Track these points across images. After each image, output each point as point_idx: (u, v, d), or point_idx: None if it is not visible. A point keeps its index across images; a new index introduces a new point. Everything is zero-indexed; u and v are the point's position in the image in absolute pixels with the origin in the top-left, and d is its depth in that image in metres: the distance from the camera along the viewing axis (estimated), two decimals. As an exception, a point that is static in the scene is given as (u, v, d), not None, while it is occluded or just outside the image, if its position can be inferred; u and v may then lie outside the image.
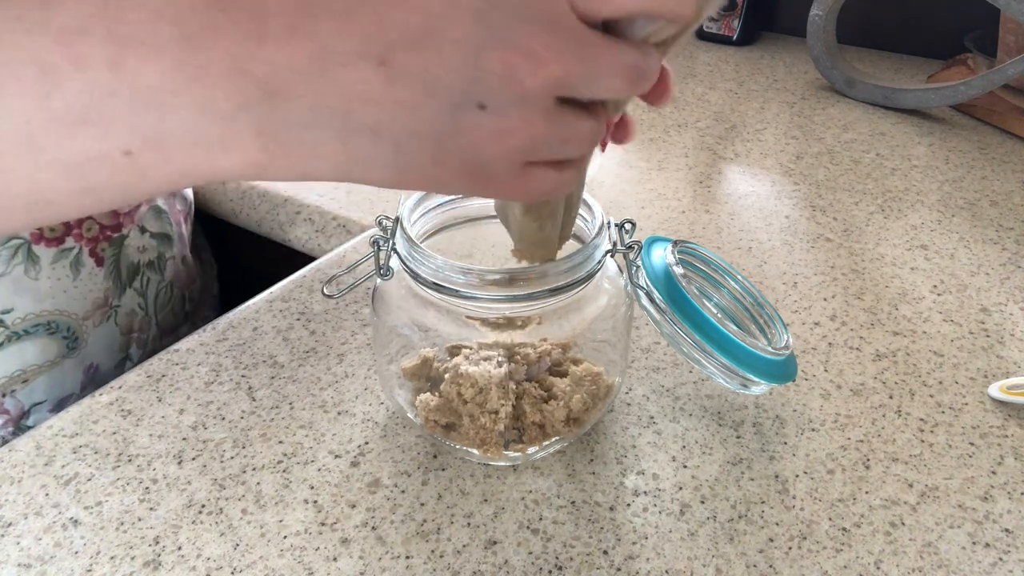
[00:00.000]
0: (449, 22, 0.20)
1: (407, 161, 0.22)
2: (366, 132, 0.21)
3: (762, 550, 0.35)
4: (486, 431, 0.37)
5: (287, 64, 0.19)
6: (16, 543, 0.35)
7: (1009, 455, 0.40)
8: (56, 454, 0.39)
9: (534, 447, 0.38)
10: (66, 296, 0.44)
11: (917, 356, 0.48)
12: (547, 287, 0.34)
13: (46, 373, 0.45)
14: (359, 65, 0.20)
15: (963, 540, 0.36)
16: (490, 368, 0.37)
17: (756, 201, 0.66)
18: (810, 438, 0.41)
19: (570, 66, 0.21)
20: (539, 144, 0.22)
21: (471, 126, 0.21)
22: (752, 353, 0.37)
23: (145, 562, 0.34)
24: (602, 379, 0.39)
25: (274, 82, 0.19)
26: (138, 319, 0.50)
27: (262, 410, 0.42)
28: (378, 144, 0.21)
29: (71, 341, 0.45)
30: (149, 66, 0.19)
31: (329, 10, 0.20)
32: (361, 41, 0.20)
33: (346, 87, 0.20)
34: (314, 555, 0.34)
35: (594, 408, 0.38)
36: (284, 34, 0.19)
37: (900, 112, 0.85)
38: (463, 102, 0.21)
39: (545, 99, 0.21)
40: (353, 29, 0.20)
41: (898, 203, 0.66)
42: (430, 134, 0.21)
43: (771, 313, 0.42)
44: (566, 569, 0.34)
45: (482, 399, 0.36)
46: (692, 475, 0.39)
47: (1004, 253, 0.59)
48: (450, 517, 0.36)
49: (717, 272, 0.43)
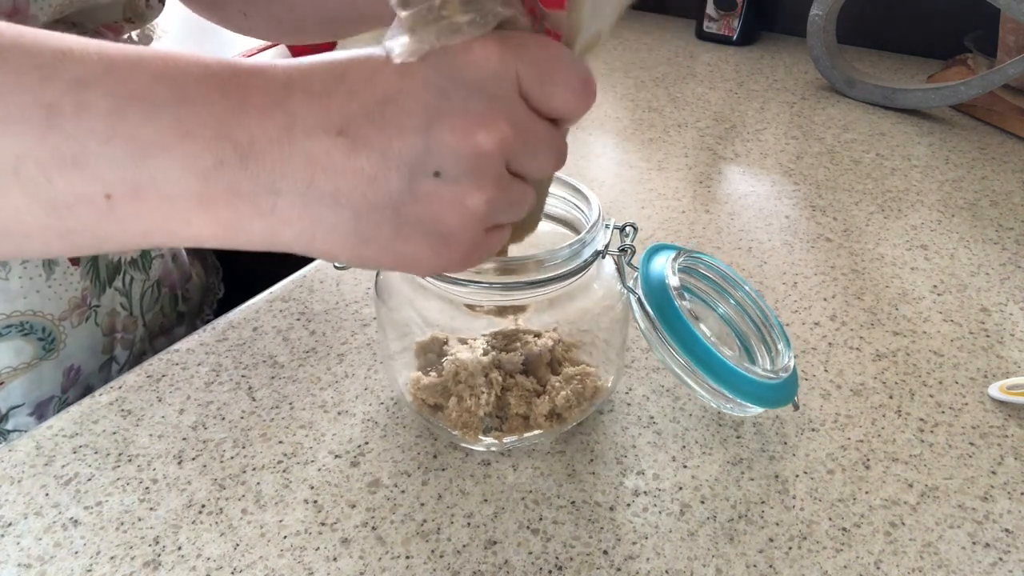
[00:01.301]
0: (406, 96, 0.22)
1: (367, 232, 0.23)
2: (328, 200, 0.22)
3: (762, 550, 0.35)
4: (469, 414, 0.38)
5: (262, 133, 0.22)
6: (16, 543, 0.35)
7: (1009, 455, 0.40)
8: (56, 454, 0.39)
9: (512, 436, 0.39)
10: (39, 296, 0.44)
11: (917, 356, 0.48)
12: (532, 278, 0.35)
13: (23, 375, 0.44)
14: (321, 136, 0.22)
15: (963, 540, 0.36)
16: (478, 355, 0.38)
17: (756, 201, 0.66)
18: (810, 438, 0.41)
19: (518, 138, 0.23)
20: (494, 208, 0.24)
21: (428, 195, 0.23)
22: (740, 375, 0.36)
23: (145, 562, 0.34)
24: (591, 379, 0.39)
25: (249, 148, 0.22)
26: (121, 319, 0.50)
27: (262, 410, 0.42)
28: (339, 212, 0.22)
29: (47, 343, 0.45)
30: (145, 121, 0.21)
31: (306, 90, 0.22)
32: (325, 114, 0.22)
33: (310, 156, 0.22)
34: (314, 555, 0.34)
35: (578, 407, 0.39)
36: (263, 107, 0.22)
37: (900, 112, 0.85)
38: (419, 171, 0.22)
39: (497, 165, 0.23)
40: (321, 104, 0.22)
41: (898, 203, 0.66)
42: (389, 204, 0.23)
43: (778, 331, 0.41)
44: (566, 569, 0.34)
45: (473, 382, 0.38)
46: (692, 475, 0.39)
47: (1004, 253, 0.59)
48: (450, 517, 0.36)
49: (726, 282, 0.42)
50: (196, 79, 0.22)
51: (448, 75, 0.23)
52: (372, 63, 0.23)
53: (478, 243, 0.25)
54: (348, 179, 0.22)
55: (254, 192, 0.22)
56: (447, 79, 0.22)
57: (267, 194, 0.22)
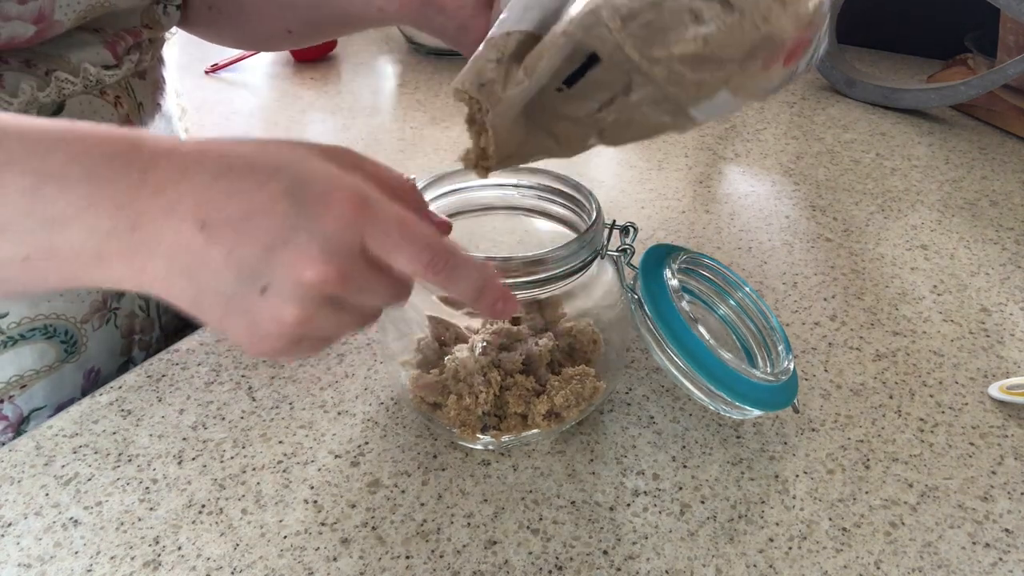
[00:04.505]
0: (266, 218, 0.26)
1: (203, 309, 0.28)
2: (184, 274, 0.27)
3: (762, 550, 0.35)
4: (467, 412, 0.38)
5: (147, 211, 0.26)
6: (16, 543, 0.35)
7: (1009, 455, 0.40)
8: (56, 454, 0.39)
9: (509, 435, 0.39)
10: (62, 299, 0.44)
11: (917, 356, 0.48)
12: (531, 278, 0.35)
13: (45, 378, 0.45)
14: (190, 223, 0.26)
15: (963, 540, 0.36)
16: (476, 354, 0.38)
17: (756, 201, 0.66)
18: (810, 438, 0.41)
19: (345, 284, 0.27)
20: (310, 328, 0.28)
21: (254, 300, 0.27)
22: (738, 378, 0.36)
23: (145, 562, 0.34)
24: (590, 379, 0.39)
25: (138, 221, 0.26)
26: (139, 321, 0.50)
27: (262, 410, 0.42)
28: (188, 286, 0.27)
29: (69, 345, 0.45)
30: (59, 196, 0.26)
31: (193, 180, 0.27)
32: (197, 206, 0.26)
33: (178, 236, 0.26)
34: (314, 555, 0.34)
35: (576, 407, 0.38)
36: (154, 188, 0.26)
37: (900, 112, 0.85)
38: (253, 279, 0.27)
39: (316, 298, 0.27)
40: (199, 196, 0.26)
41: (898, 203, 0.66)
42: (224, 294, 0.27)
43: (779, 334, 0.41)
44: (566, 569, 0.34)
45: (471, 381, 0.38)
46: (692, 475, 0.39)
47: (1004, 253, 0.59)
48: (450, 517, 0.36)
49: (726, 283, 0.42)
50: (106, 158, 0.26)
51: (308, 215, 0.26)
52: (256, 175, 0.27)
53: (295, 347, 0.29)
54: (198, 263, 0.27)
55: (137, 256, 0.27)
56: (302, 221, 0.26)
57: (145, 257, 0.27)
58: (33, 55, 0.41)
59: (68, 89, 0.42)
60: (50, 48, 0.42)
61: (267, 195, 0.27)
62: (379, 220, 0.27)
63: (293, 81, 0.95)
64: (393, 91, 0.95)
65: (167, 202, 0.26)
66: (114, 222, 0.26)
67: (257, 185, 0.27)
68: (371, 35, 1.11)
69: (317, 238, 0.26)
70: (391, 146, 0.77)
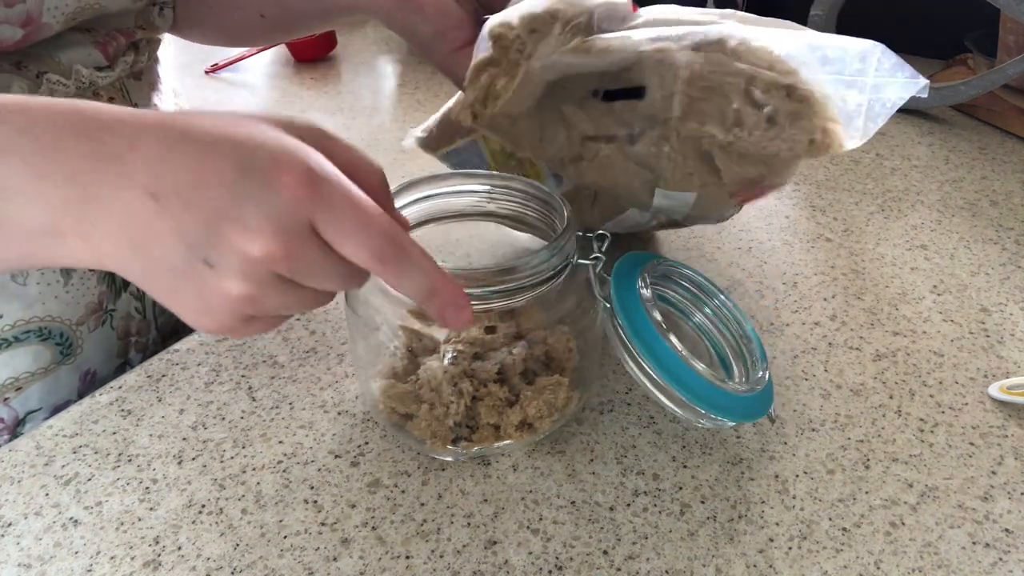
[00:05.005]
0: (216, 189, 0.25)
1: (152, 284, 0.27)
2: (133, 245, 0.26)
3: (762, 550, 0.35)
4: (438, 423, 0.37)
5: (100, 181, 0.26)
6: (16, 543, 0.35)
7: (1009, 455, 0.40)
8: (56, 454, 0.39)
9: (480, 446, 0.38)
10: (57, 301, 0.44)
11: (917, 356, 0.48)
12: (500, 287, 0.34)
13: (40, 380, 0.45)
14: (141, 194, 0.25)
15: (963, 540, 0.36)
16: (445, 364, 0.37)
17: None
18: (810, 438, 0.41)
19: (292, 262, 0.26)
20: (256, 303, 0.27)
21: (198, 272, 0.26)
22: (710, 388, 0.36)
23: (145, 562, 0.34)
24: (563, 389, 0.38)
25: (90, 192, 0.26)
26: (136, 323, 0.50)
27: (262, 410, 0.42)
28: (135, 258, 0.27)
29: (65, 347, 0.45)
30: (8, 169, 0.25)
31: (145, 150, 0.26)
32: (149, 176, 0.25)
33: (128, 207, 0.26)
34: (314, 555, 0.34)
35: (549, 417, 0.38)
36: (108, 159, 0.26)
37: (900, 112, 0.84)
38: (198, 251, 0.26)
39: (261, 273, 0.26)
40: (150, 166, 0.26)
41: (898, 203, 0.66)
42: (169, 268, 0.26)
43: (755, 343, 0.41)
44: (566, 569, 0.34)
45: (441, 391, 0.37)
46: (692, 475, 0.39)
47: (1004, 253, 0.59)
48: (450, 517, 0.36)
49: (701, 291, 0.42)
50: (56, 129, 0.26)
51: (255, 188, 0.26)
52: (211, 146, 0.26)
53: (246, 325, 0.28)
54: (149, 235, 0.26)
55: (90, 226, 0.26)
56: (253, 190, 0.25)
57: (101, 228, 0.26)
58: (24, 57, 0.41)
59: (60, 91, 0.42)
60: (40, 49, 0.41)
61: (218, 166, 0.26)
62: (331, 200, 0.26)
63: (293, 81, 0.95)
64: (393, 91, 0.95)
65: (119, 172, 0.26)
66: (66, 192, 0.26)
67: (210, 156, 0.26)
68: (371, 35, 1.11)
69: (265, 212, 0.25)
70: (391, 146, 0.78)
